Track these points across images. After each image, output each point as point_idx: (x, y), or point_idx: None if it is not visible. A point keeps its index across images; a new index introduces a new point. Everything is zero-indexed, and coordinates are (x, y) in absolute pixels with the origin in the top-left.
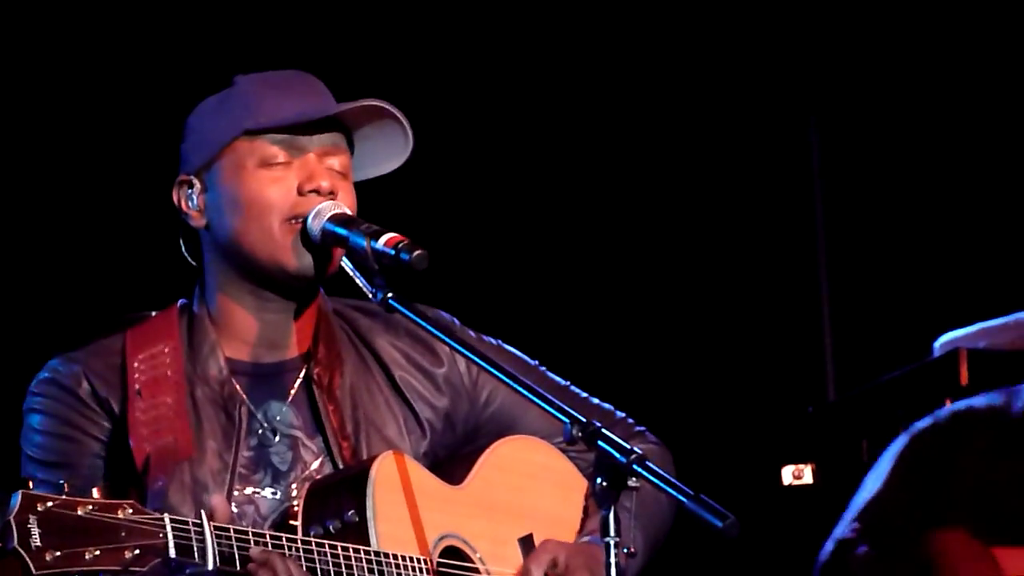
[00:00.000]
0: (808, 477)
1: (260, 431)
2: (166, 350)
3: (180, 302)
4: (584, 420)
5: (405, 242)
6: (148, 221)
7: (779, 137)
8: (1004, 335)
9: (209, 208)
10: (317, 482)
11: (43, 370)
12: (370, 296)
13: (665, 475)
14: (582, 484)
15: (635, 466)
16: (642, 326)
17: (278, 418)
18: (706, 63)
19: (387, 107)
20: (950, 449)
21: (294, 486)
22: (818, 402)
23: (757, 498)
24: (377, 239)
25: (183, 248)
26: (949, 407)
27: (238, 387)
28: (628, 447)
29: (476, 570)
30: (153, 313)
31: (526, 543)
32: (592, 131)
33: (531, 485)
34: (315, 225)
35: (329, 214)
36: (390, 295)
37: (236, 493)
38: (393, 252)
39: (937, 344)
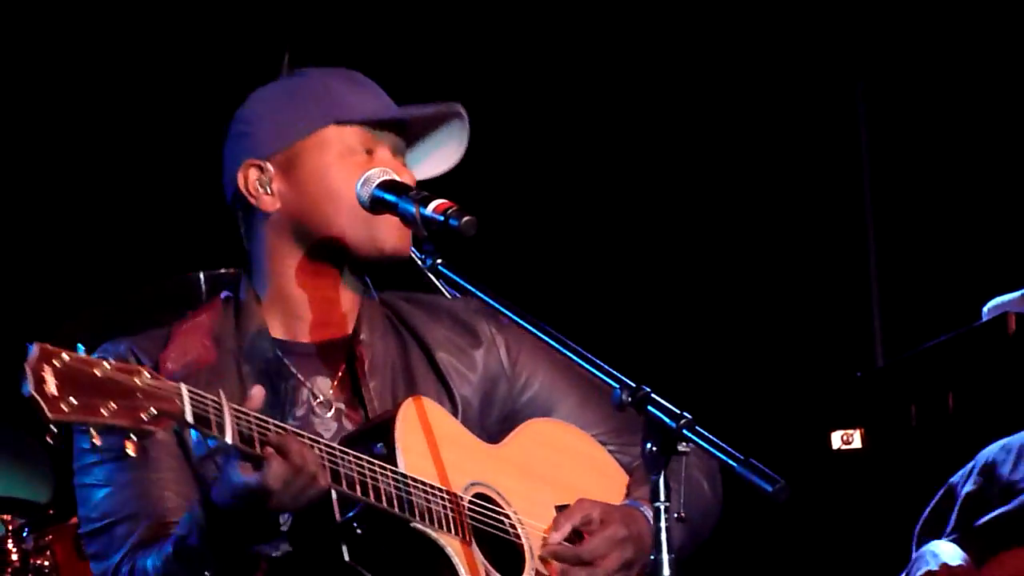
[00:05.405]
0: (857, 442)
1: (314, 401)
2: (205, 343)
3: (223, 294)
4: (634, 385)
5: (454, 208)
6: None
7: (826, 104)
8: None
9: (289, 192)
10: (348, 434)
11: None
12: (419, 263)
13: (715, 440)
14: (624, 478)
15: (685, 431)
16: (692, 293)
17: (325, 393)
18: (752, 29)
19: (463, 115)
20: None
21: None
22: (867, 367)
23: (806, 463)
24: (426, 205)
25: (242, 231)
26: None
27: (288, 365)
28: (678, 411)
29: (508, 517)
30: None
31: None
32: (639, 98)
33: (571, 464)
34: (364, 192)
35: (378, 180)
36: (439, 261)
37: None
38: (442, 218)
39: (985, 308)
